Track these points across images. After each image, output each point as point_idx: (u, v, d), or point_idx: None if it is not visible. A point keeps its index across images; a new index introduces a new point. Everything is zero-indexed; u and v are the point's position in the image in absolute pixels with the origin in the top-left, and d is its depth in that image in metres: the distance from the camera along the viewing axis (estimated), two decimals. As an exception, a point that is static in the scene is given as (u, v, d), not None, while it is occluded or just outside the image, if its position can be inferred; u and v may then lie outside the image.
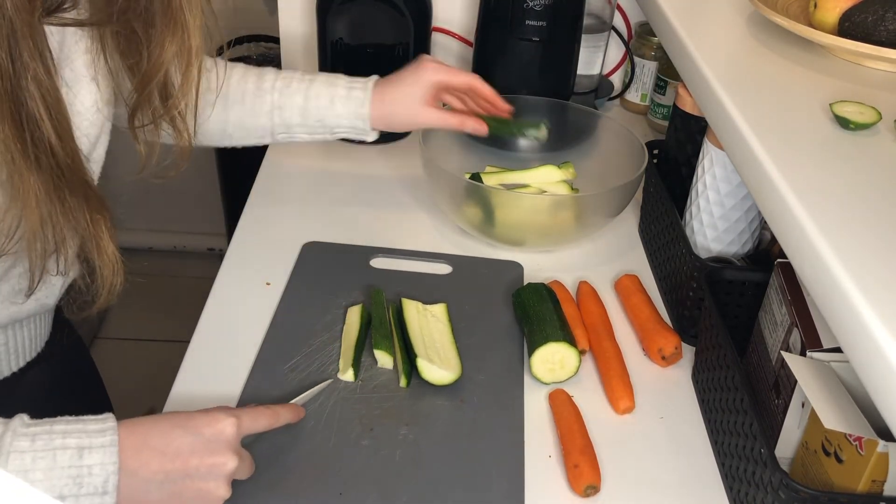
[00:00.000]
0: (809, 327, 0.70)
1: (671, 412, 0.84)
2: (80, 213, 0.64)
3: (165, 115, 0.72)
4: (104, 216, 0.66)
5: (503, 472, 0.75)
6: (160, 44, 0.66)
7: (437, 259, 1.01)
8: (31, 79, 0.56)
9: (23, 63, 0.55)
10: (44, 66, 0.57)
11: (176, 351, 0.88)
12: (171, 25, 0.65)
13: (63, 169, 0.61)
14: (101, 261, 0.68)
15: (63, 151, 0.60)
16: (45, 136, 0.58)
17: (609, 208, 1.02)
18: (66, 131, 0.61)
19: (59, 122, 0.59)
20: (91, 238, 0.66)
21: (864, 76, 0.80)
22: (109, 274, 0.68)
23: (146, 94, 0.69)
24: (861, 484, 0.61)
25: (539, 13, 1.17)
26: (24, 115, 0.56)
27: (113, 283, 0.69)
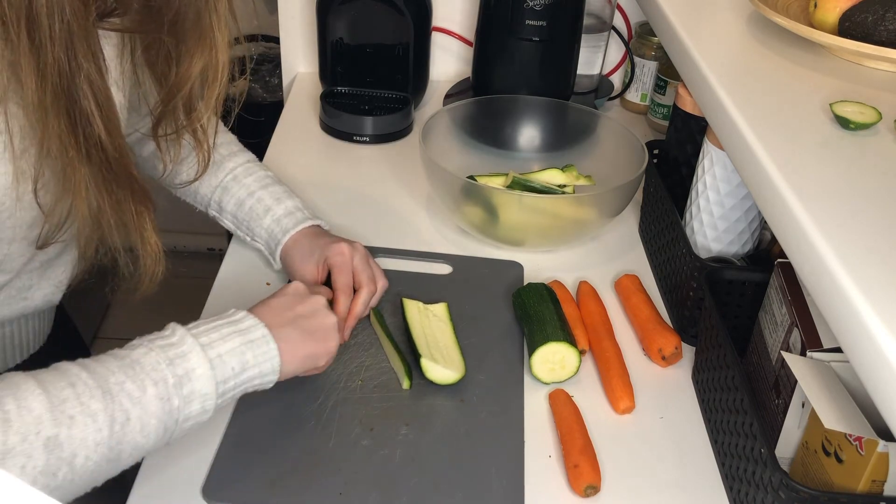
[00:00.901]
0: (809, 327, 0.70)
1: (671, 412, 0.84)
2: (126, 205, 0.68)
3: (188, 127, 0.75)
4: (148, 209, 0.71)
5: (503, 471, 0.75)
6: (189, 59, 0.68)
7: (437, 259, 1.01)
8: (84, 78, 0.59)
9: (77, 63, 0.59)
10: (96, 67, 0.61)
11: (176, 351, 0.88)
12: (201, 42, 0.68)
13: (111, 163, 0.64)
14: (145, 250, 0.72)
15: (112, 146, 0.64)
16: (95, 132, 0.62)
17: (609, 208, 1.02)
18: (115, 128, 0.64)
19: (108, 120, 0.63)
20: (136, 229, 0.71)
21: (864, 76, 0.80)
22: (152, 263, 0.73)
23: (171, 107, 0.72)
24: (861, 484, 0.61)
25: (539, 13, 1.17)
26: (77, 111, 0.60)
27: (155, 271, 0.74)
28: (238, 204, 0.94)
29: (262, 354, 0.69)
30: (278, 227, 0.92)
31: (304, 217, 0.93)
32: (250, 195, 0.94)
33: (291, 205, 0.94)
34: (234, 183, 0.94)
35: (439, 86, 1.42)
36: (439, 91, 1.40)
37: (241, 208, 0.94)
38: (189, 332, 0.66)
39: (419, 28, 1.30)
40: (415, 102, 1.34)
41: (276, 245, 0.92)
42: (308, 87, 1.42)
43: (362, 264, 0.89)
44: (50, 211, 0.66)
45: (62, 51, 0.57)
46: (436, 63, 1.44)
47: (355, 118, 1.26)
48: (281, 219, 0.92)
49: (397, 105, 1.29)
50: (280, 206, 0.93)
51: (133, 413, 0.60)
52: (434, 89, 1.41)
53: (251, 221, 0.94)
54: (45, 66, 0.57)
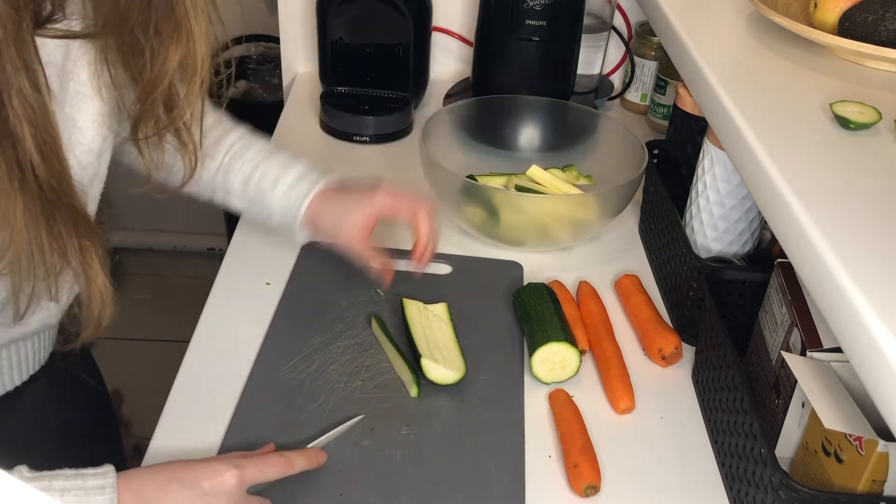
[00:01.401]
0: (809, 327, 0.70)
1: (671, 412, 0.84)
2: (68, 239, 0.61)
3: (170, 127, 0.69)
4: (94, 243, 0.63)
5: (503, 472, 0.75)
6: (164, 52, 0.63)
7: (437, 259, 1.01)
8: (14, 94, 0.53)
9: (5, 76, 0.52)
10: (30, 80, 0.54)
11: (176, 351, 0.88)
12: (176, 34, 0.63)
13: (47, 191, 0.57)
14: (90, 291, 0.64)
15: (47, 172, 0.57)
16: (27, 155, 0.55)
17: (609, 208, 1.02)
18: (53, 152, 0.57)
19: (43, 142, 0.56)
20: (79, 266, 0.62)
21: (864, 76, 0.80)
22: (98, 305, 0.65)
23: (150, 105, 0.67)
24: (861, 484, 0.61)
25: (539, 13, 1.17)
26: (4, 132, 0.54)
27: (101, 314, 0.65)
28: (244, 181, 0.89)
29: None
30: (294, 194, 0.87)
31: (317, 178, 0.88)
32: (255, 168, 0.88)
33: (301, 168, 0.89)
34: (235, 160, 0.89)
35: (439, 86, 1.42)
36: (439, 91, 1.40)
37: (248, 185, 0.89)
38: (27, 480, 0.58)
39: (419, 28, 1.30)
40: (415, 102, 1.34)
41: (296, 214, 0.87)
42: (308, 87, 1.42)
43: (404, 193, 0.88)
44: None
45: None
46: (436, 63, 1.44)
47: (355, 118, 1.26)
48: (294, 185, 0.87)
49: (397, 105, 1.29)
50: (289, 173, 0.88)
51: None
52: (434, 89, 1.41)
53: (261, 197, 0.89)
54: None
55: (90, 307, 0.65)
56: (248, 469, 0.65)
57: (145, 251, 2.41)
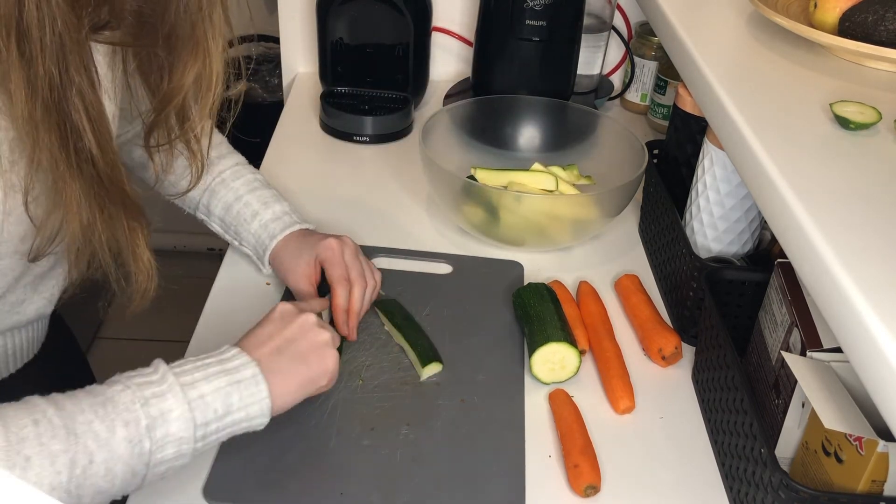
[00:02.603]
0: (809, 327, 0.70)
1: (671, 412, 0.84)
2: (118, 221, 0.67)
3: (181, 138, 0.74)
4: (141, 224, 0.69)
5: (503, 472, 0.75)
6: (182, 68, 0.67)
7: (437, 259, 1.01)
8: (76, 91, 0.58)
9: (69, 77, 0.57)
10: (88, 80, 0.59)
11: (176, 351, 0.87)
12: (195, 51, 0.66)
13: (103, 178, 0.63)
14: (137, 267, 0.70)
15: (103, 161, 0.62)
16: (86, 147, 0.60)
17: (609, 208, 1.02)
18: (107, 142, 0.63)
19: (100, 134, 0.61)
20: (128, 245, 0.69)
21: (864, 76, 0.80)
22: (144, 279, 0.71)
23: (164, 116, 0.71)
24: (861, 484, 0.61)
25: (539, 13, 1.17)
26: (68, 125, 0.59)
27: (147, 288, 0.72)
28: (226, 208, 0.93)
29: (249, 396, 0.65)
30: (265, 232, 0.91)
31: (291, 221, 0.92)
32: (238, 199, 0.92)
33: (279, 209, 0.93)
34: (221, 186, 0.93)
35: (439, 86, 1.42)
36: (439, 91, 1.40)
37: (229, 212, 0.93)
38: (171, 369, 0.63)
39: (419, 28, 1.30)
40: (415, 102, 1.34)
41: (264, 250, 0.91)
42: (308, 87, 1.42)
43: (352, 259, 0.88)
44: (41, 224, 0.64)
45: (53, 64, 0.56)
46: (436, 63, 1.44)
47: (355, 118, 1.26)
48: (268, 223, 0.91)
49: (397, 105, 1.29)
50: (268, 211, 0.92)
51: (98, 456, 0.57)
52: (434, 89, 1.41)
53: (238, 226, 0.93)
54: (36, 80, 0.56)
55: (138, 281, 0.71)
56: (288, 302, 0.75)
57: (145, 251, 2.41)
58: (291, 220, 0.92)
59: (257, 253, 0.93)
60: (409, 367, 0.85)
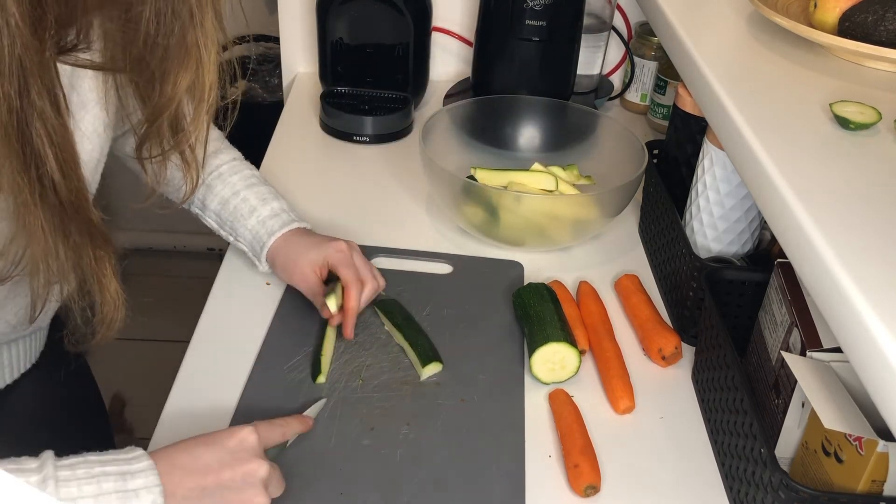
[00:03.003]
0: (809, 327, 0.70)
1: (671, 412, 0.84)
2: (83, 250, 0.64)
3: (175, 149, 0.72)
4: (108, 253, 0.67)
5: (503, 471, 0.75)
6: (174, 77, 0.65)
7: (437, 259, 1.01)
8: (37, 116, 0.56)
9: (30, 100, 0.55)
10: (52, 104, 0.57)
11: (176, 351, 0.88)
12: (186, 61, 0.64)
13: (66, 206, 0.61)
14: (103, 297, 0.68)
15: (67, 189, 0.60)
16: (49, 173, 0.58)
17: (609, 208, 1.02)
18: (72, 169, 0.61)
19: (64, 161, 0.59)
20: (93, 274, 0.66)
21: (864, 76, 0.80)
22: (110, 310, 0.68)
23: (156, 127, 0.69)
24: (861, 484, 0.61)
25: (539, 13, 1.17)
26: (30, 151, 0.57)
27: (113, 318, 0.69)
28: (222, 203, 0.92)
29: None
30: (263, 229, 0.91)
31: (289, 219, 0.91)
32: (235, 194, 0.92)
33: (277, 206, 0.92)
34: (218, 181, 0.92)
35: (439, 86, 1.42)
36: (439, 91, 1.40)
37: (226, 207, 0.92)
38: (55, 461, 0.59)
39: (419, 28, 1.30)
40: (415, 102, 1.34)
41: (262, 247, 0.91)
42: (308, 87, 1.42)
43: (361, 261, 0.88)
44: (3, 249, 0.62)
45: (12, 87, 0.53)
46: (436, 63, 1.44)
47: (355, 118, 1.26)
48: (266, 220, 0.91)
49: (397, 105, 1.29)
50: (266, 207, 0.91)
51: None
52: (434, 89, 1.41)
53: (235, 221, 0.92)
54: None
55: (103, 312, 0.68)
56: (261, 428, 0.68)
57: (145, 251, 2.41)
58: (290, 218, 0.92)
59: (254, 249, 0.92)
60: (409, 366, 0.85)
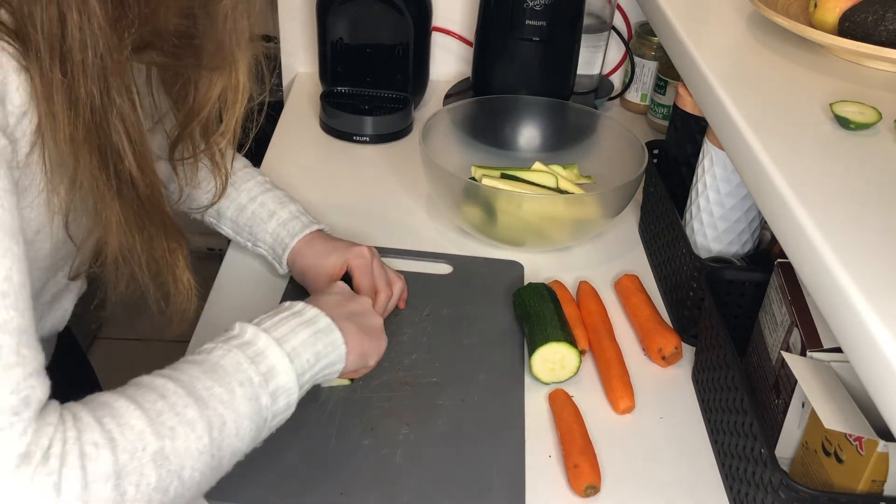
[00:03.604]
0: (809, 327, 0.70)
1: (671, 412, 0.84)
2: (158, 242, 0.67)
3: (206, 151, 0.73)
4: (181, 245, 0.70)
5: (503, 471, 0.75)
6: (208, 82, 0.66)
7: (437, 259, 1.01)
8: (116, 113, 0.58)
9: (111, 98, 0.58)
10: (129, 102, 0.60)
11: (176, 351, 0.87)
12: (221, 64, 0.66)
13: (143, 200, 0.63)
14: (176, 288, 0.71)
15: (143, 183, 0.62)
16: (127, 169, 0.61)
17: (609, 208, 1.02)
18: (147, 164, 0.63)
19: (141, 156, 0.61)
20: (167, 266, 0.69)
21: (864, 76, 0.80)
22: (184, 300, 0.72)
23: (189, 131, 0.70)
24: (861, 484, 0.61)
25: (539, 13, 1.17)
26: (109, 147, 0.59)
27: (187, 308, 0.72)
28: (239, 209, 0.93)
29: (330, 344, 0.69)
30: (285, 231, 0.91)
31: (309, 221, 0.93)
32: (252, 200, 0.93)
33: (294, 209, 0.93)
34: (232, 188, 0.93)
35: (439, 86, 1.42)
36: (439, 91, 1.40)
37: (243, 213, 0.93)
38: (260, 328, 0.66)
39: (419, 28, 1.30)
40: (415, 102, 1.34)
41: (284, 249, 0.91)
42: (308, 87, 1.42)
43: (380, 269, 0.89)
44: (82, 244, 0.65)
45: (95, 86, 0.56)
46: (436, 63, 1.44)
47: (355, 118, 1.26)
48: (287, 222, 0.91)
49: (397, 105, 1.29)
50: (284, 211, 0.92)
51: (227, 417, 0.59)
52: (434, 89, 1.41)
53: (254, 226, 0.93)
54: (78, 101, 0.56)
55: (177, 302, 0.72)
56: None
57: (145, 251, 2.41)
58: (309, 220, 0.93)
59: (275, 253, 0.93)
60: (409, 366, 0.85)
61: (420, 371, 0.84)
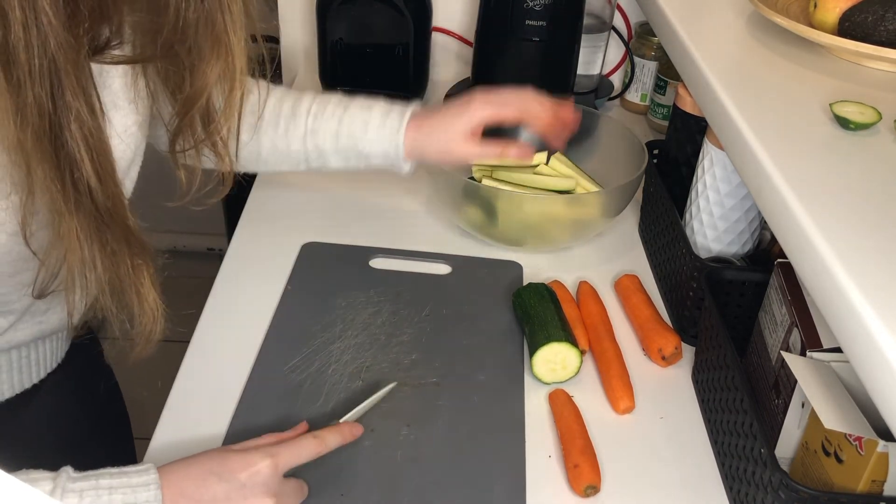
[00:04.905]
0: (809, 327, 0.70)
1: (671, 412, 0.84)
2: (121, 258, 0.62)
3: (207, 141, 0.70)
4: (146, 262, 0.65)
5: (503, 472, 0.75)
6: (203, 67, 0.63)
7: (437, 259, 1.01)
8: (73, 119, 0.54)
9: (65, 102, 0.53)
10: (88, 106, 0.55)
11: (176, 351, 0.88)
12: (216, 48, 0.62)
13: (103, 212, 0.59)
14: (141, 308, 0.66)
15: (103, 195, 0.58)
16: (84, 178, 0.56)
17: (609, 208, 1.02)
18: (108, 174, 0.59)
19: (100, 165, 0.57)
20: (131, 284, 0.64)
21: (864, 76, 0.80)
22: (149, 322, 0.66)
23: (188, 120, 0.67)
24: (861, 484, 0.61)
25: (539, 13, 1.17)
26: (64, 156, 0.55)
27: (152, 331, 0.67)
28: (334, 137, 0.90)
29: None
30: (386, 131, 0.88)
31: (401, 109, 0.90)
32: (340, 122, 0.90)
33: (381, 107, 0.90)
34: (317, 121, 0.90)
35: (439, 86, 1.42)
36: (439, 91, 1.40)
37: (339, 139, 0.90)
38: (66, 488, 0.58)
39: (419, 28, 1.30)
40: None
41: (396, 148, 0.89)
42: (308, 88, 1.41)
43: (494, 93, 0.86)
44: (44, 258, 0.60)
45: (44, 90, 0.51)
46: (436, 63, 1.44)
47: (355, 118, 1.26)
48: (384, 122, 0.89)
49: (397, 105, 1.29)
50: (373, 113, 0.89)
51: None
52: (434, 89, 1.41)
53: (357, 145, 0.90)
54: (25, 107, 0.51)
55: (142, 323, 0.66)
56: (282, 455, 0.66)
57: (145, 251, 2.41)
58: (401, 109, 0.90)
59: (390, 157, 0.90)
60: (409, 366, 0.85)
61: (420, 371, 0.84)
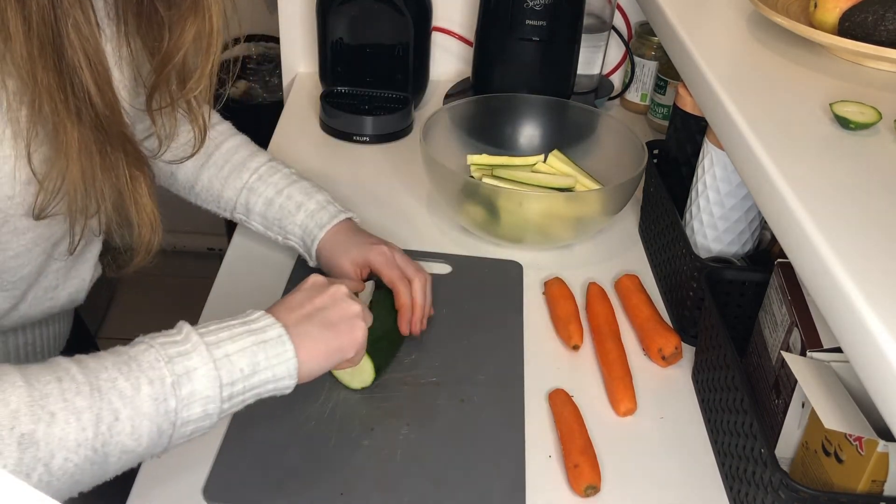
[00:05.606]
0: (809, 327, 0.70)
1: (671, 412, 0.84)
2: (119, 168, 0.65)
3: (182, 98, 0.73)
4: (143, 173, 0.68)
5: (503, 472, 0.75)
6: (181, 25, 0.66)
7: (437, 259, 1.01)
8: (70, 26, 0.57)
9: (63, 9, 0.56)
10: (83, 14, 0.58)
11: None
12: (193, 7, 0.66)
13: (102, 120, 0.62)
14: (140, 218, 0.69)
15: (102, 102, 0.61)
16: (84, 86, 0.59)
17: (609, 206, 1.02)
18: (105, 81, 0.61)
19: (97, 72, 0.60)
20: (129, 194, 0.67)
21: (864, 76, 0.80)
22: (147, 231, 0.70)
23: (164, 76, 0.70)
24: (861, 484, 0.61)
25: (539, 13, 1.17)
26: (65, 64, 0.58)
27: (150, 241, 0.70)
28: (267, 203, 0.92)
29: (276, 356, 0.64)
30: (312, 222, 0.90)
31: (336, 210, 0.92)
32: (279, 193, 0.92)
33: (322, 199, 0.92)
34: (259, 182, 0.92)
35: (439, 86, 1.42)
36: (439, 91, 1.40)
37: (271, 207, 0.92)
38: (196, 330, 0.62)
39: (419, 28, 1.30)
40: (415, 102, 1.34)
41: (313, 241, 0.90)
42: (308, 87, 1.42)
43: (404, 260, 0.88)
44: (44, 177, 0.63)
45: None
46: (436, 63, 1.44)
47: (355, 118, 1.26)
48: (314, 213, 0.91)
49: (397, 105, 1.29)
50: (311, 201, 0.91)
51: (123, 413, 0.56)
52: (434, 89, 1.41)
53: (283, 219, 0.92)
54: (31, 15, 0.55)
55: (140, 234, 0.70)
56: None
57: (145, 251, 2.42)
58: (336, 210, 0.92)
59: (305, 245, 0.92)
60: (409, 366, 0.85)
61: (420, 371, 0.84)
